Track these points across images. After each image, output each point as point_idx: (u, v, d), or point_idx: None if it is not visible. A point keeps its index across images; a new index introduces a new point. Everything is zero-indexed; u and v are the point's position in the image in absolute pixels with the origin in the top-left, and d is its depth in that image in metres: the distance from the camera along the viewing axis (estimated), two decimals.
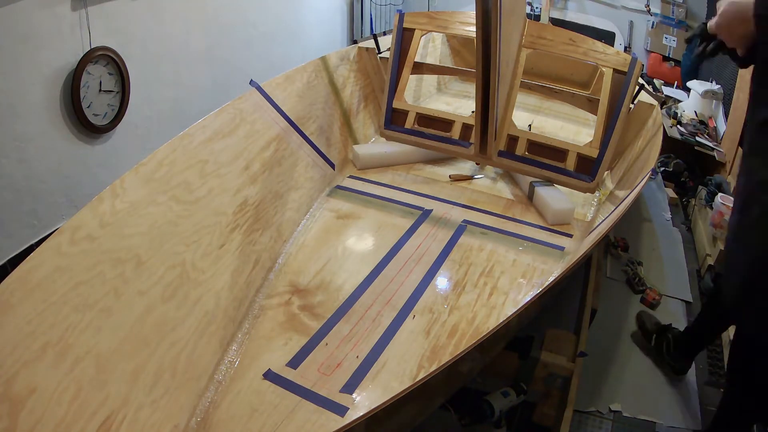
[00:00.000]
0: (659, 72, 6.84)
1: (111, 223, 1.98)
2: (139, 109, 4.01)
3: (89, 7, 3.45)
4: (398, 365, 2.05)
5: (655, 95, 4.12)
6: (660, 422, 2.85)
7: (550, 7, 6.72)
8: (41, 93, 3.32)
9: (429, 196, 3.25)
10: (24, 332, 1.59)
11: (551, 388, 2.61)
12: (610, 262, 4.01)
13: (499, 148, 3.28)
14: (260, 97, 2.98)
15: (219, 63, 4.79)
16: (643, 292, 3.73)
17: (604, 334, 3.34)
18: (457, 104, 4.72)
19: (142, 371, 1.78)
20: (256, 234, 2.57)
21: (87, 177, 3.72)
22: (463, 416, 2.46)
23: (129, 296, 1.90)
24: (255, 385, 1.93)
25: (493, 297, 2.45)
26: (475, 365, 2.35)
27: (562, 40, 3.38)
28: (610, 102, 3.24)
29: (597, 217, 3.13)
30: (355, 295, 2.38)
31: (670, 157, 5.27)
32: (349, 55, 3.94)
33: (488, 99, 2.91)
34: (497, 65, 2.73)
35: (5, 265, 3.30)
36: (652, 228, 4.53)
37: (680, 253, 4.26)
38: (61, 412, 1.53)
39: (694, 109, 5.58)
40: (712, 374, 3.23)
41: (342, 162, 3.48)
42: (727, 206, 3.99)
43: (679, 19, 6.82)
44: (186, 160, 2.40)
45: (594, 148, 3.18)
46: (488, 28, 2.61)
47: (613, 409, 2.88)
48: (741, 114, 4.64)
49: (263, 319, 2.25)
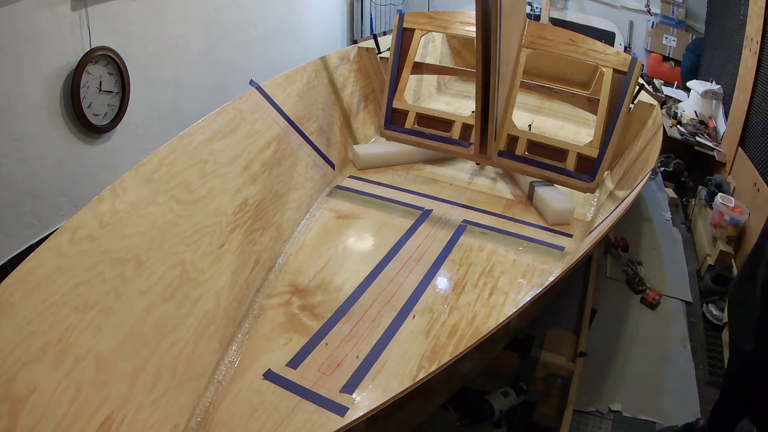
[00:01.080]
0: (659, 72, 6.84)
1: (111, 223, 1.98)
2: (139, 109, 4.01)
3: (89, 7, 3.45)
4: (398, 365, 2.05)
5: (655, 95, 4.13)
6: (660, 422, 2.85)
7: (550, 7, 6.73)
8: (41, 93, 3.32)
9: (429, 196, 3.25)
10: (24, 332, 1.59)
11: (551, 388, 2.61)
12: (610, 262, 4.01)
13: (499, 148, 3.28)
14: (260, 97, 2.98)
15: (219, 63, 4.79)
16: (643, 292, 3.73)
17: (604, 334, 3.34)
18: (457, 104, 4.72)
19: (142, 371, 1.78)
20: (256, 234, 2.57)
21: (87, 177, 3.72)
22: (463, 416, 2.46)
23: (129, 296, 1.90)
24: (255, 385, 1.93)
25: (493, 297, 2.45)
26: (475, 365, 2.35)
27: (562, 40, 3.38)
28: (610, 102, 3.24)
29: (597, 217, 3.13)
30: (355, 295, 2.38)
31: (670, 157, 5.26)
32: (349, 55, 3.95)
33: (488, 99, 2.91)
34: (497, 65, 2.73)
35: (5, 265, 3.30)
36: (652, 228, 4.52)
37: (680, 253, 4.26)
38: (61, 412, 1.53)
39: (694, 109, 5.58)
40: (712, 374, 3.23)
41: (342, 162, 3.48)
42: (727, 206, 3.99)
43: (679, 19, 6.81)
44: (186, 160, 2.40)
45: (594, 148, 3.18)
46: (488, 28, 2.61)
47: (613, 409, 2.88)
48: (741, 114, 4.64)
49: (263, 319, 2.25)
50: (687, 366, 3.24)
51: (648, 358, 3.25)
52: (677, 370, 3.21)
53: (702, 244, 4.23)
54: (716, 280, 3.78)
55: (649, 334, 3.44)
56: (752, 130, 4.49)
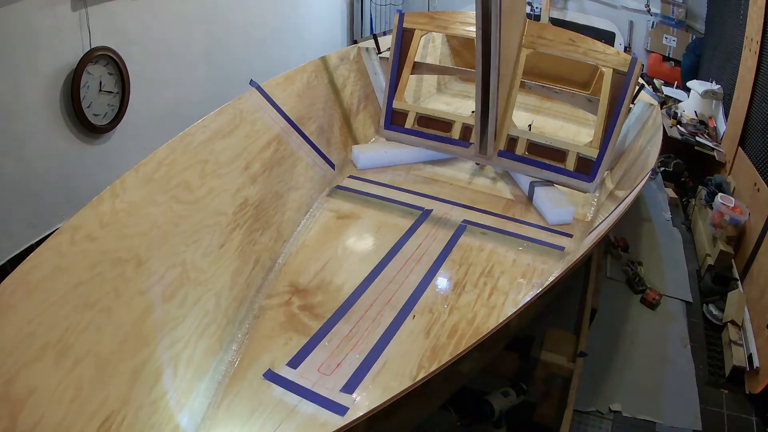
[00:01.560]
0: (659, 72, 6.84)
1: (111, 223, 1.98)
2: (139, 109, 4.01)
3: (89, 7, 3.45)
4: (398, 365, 2.04)
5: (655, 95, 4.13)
6: (660, 422, 2.85)
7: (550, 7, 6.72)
8: (41, 93, 3.32)
9: (429, 196, 3.25)
10: (24, 332, 1.59)
11: (551, 388, 2.61)
12: (610, 262, 4.01)
13: (499, 148, 3.28)
14: (260, 97, 2.98)
15: (219, 63, 4.79)
16: (643, 292, 3.73)
17: (604, 334, 3.34)
18: (457, 104, 4.72)
19: (142, 371, 1.78)
20: (256, 234, 2.57)
21: (87, 177, 3.72)
22: (463, 416, 2.46)
23: (129, 296, 1.90)
24: (255, 385, 1.93)
25: (493, 297, 2.45)
26: (475, 365, 2.35)
27: (562, 40, 3.38)
28: (610, 102, 3.24)
29: (597, 217, 3.13)
30: (355, 295, 2.38)
31: (670, 157, 5.27)
32: (349, 55, 3.95)
33: (488, 99, 2.91)
34: (497, 65, 2.73)
35: (5, 265, 3.30)
36: (652, 228, 4.53)
37: (680, 253, 4.27)
38: (61, 412, 1.53)
39: (694, 109, 5.58)
40: (712, 374, 3.23)
41: (342, 162, 3.48)
42: (727, 206, 3.99)
43: (679, 19, 6.82)
44: (186, 160, 2.40)
45: (594, 149, 3.18)
46: (488, 28, 2.61)
47: (613, 409, 2.88)
48: (741, 114, 4.64)
49: (263, 319, 2.24)
50: (687, 366, 3.25)
51: (648, 358, 3.26)
52: (677, 370, 3.21)
53: (702, 244, 4.23)
54: (716, 280, 3.78)
55: (649, 334, 3.45)
56: (752, 130, 4.49)
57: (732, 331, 3.36)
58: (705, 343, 3.46)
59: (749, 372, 3.13)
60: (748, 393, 3.09)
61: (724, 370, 3.24)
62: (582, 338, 2.77)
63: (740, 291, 3.63)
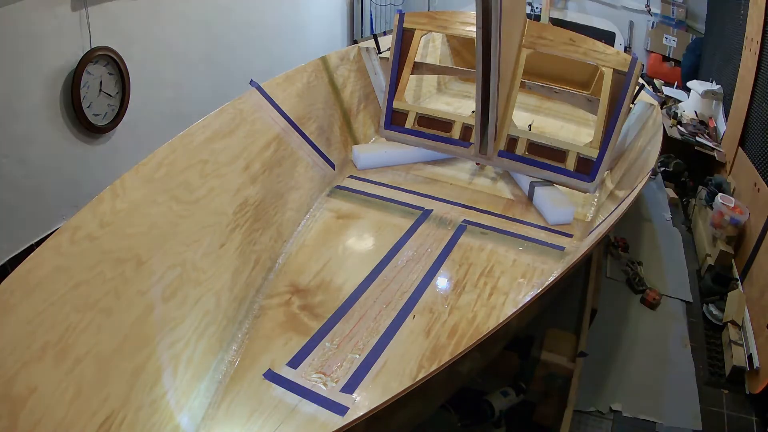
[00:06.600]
0: (659, 72, 6.84)
1: (111, 223, 1.98)
2: (139, 109, 4.01)
3: (89, 7, 3.45)
4: (398, 365, 2.04)
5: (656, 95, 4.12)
6: (660, 422, 2.85)
7: (550, 7, 6.72)
8: (41, 93, 3.32)
9: (429, 196, 3.25)
10: (24, 332, 1.59)
11: (551, 388, 2.61)
12: (610, 262, 4.01)
13: (499, 148, 3.28)
14: (260, 97, 2.99)
15: (219, 63, 4.79)
16: (643, 292, 3.73)
17: (604, 334, 3.34)
18: (457, 104, 4.72)
19: (142, 371, 1.78)
20: (257, 234, 2.57)
21: (87, 177, 3.72)
22: (463, 416, 2.46)
23: (129, 296, 1.90)
24: (255, 385, 1.93)
25: (493, 297, 2.45)
26: (475, 365, 2.35)
27: (562, 40, 3.38)
28: (610, 102, 3.24)
29: (597, 217, 3.13)
30: (355, 295, 2.38)
31: (670, 157, 5.26)
32: (349, 55, 3.95)
33: (488, 99, 2.91)
34: (497, 65, 2.73)
35: (5, 265, 3.30)
36: (652, 228, 4.52)
37: (680, 253, 4.26)
38: (61, 412, 1.53)
39: (694, 109, 5.58)
40: (712, 374, 3.23)
41: (342, 162, 3.48)
42: (727, 206, 3.99)
43: (679, 19, 6.82)
44: (186, 160, 2.40)
45: (594, 149, 3.18)
46: (488, 28, 2.61)
47: (613, 409, 2.88)
48: (741, 114, 4.64)
49: (263, 319, 2.25)
50: (687, 366, 3.25)
51: (648, 358, 3.25)
52: (677, 370, 3.21)
53: (702, 244, 4.23)
54: (716, 280, 3.78)
55: (649, 334, 3.45)
56: (752, 130, 4.49)
57: (732, 331, 3.36)
58: (705, 343, 3.46)
59: (749, 372, 3.13)
60: (748, 393, 3.09)
61: (724, 370, 3.24)
62: (582, 338, 2.77)
63: (740, 291, 3.63)
